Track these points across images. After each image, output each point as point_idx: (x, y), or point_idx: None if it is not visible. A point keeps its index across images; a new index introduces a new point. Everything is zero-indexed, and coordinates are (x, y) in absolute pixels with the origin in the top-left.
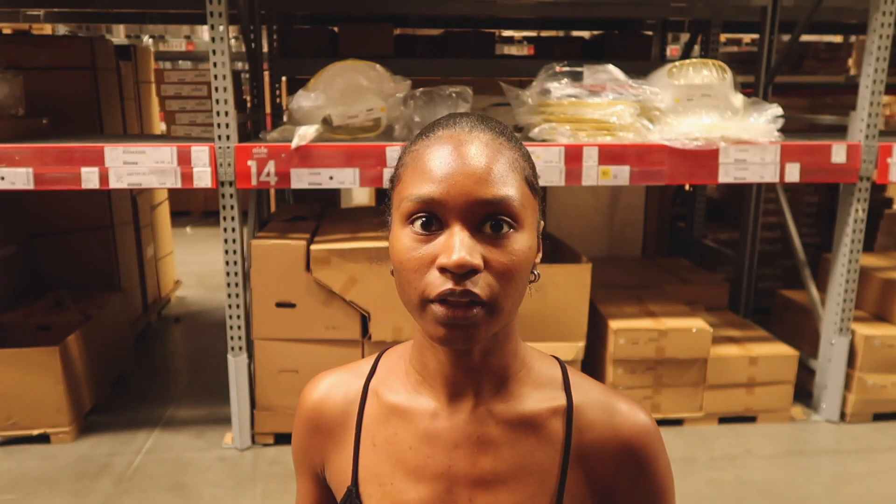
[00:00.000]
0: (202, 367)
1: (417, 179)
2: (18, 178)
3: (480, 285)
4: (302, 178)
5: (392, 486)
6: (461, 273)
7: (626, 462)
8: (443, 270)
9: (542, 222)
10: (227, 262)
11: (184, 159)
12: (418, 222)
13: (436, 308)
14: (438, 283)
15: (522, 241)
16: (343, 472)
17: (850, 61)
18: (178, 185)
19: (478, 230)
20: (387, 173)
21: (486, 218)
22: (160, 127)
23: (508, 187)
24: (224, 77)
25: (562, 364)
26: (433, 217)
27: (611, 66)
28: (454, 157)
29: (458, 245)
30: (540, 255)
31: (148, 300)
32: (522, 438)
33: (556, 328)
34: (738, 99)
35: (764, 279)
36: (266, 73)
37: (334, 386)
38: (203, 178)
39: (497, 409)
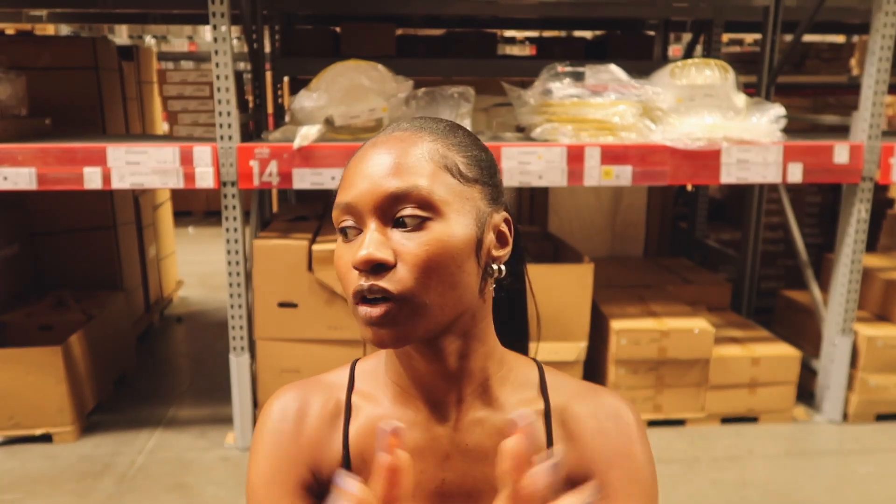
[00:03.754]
0: (204, 367)
1: (341, 189)
2: (21, 178)
3: (390, 279)
4: (304, 179)
5: None
6: (369, 269)
7: (610, 445)
8: (358, 270)
9: (506, 214)
10: (229, 262)
11: (186, 159)
12: (343, 229)
13: (360, 308)
14: (354, 281)
15: (443, 230)
16: None
17: (853, 61)
18: (181, 186)
19: (394, 225)
20: None
21: (398, 211)
22: (163, 127)
23: (417, 176)
24: (226, 77)
25: (539, 366)
26: (355, 221)
27: (613, 66)
28: (367, 158)
29: (367, 242)
30: (508, 248)
31: (150, 300)
32: None
33: (557, 328)
34: (741, 99)
35: (766, 279)
36: (268, 74)
37: (309, 399)
38: (205, 178)
39: (482, 415)
